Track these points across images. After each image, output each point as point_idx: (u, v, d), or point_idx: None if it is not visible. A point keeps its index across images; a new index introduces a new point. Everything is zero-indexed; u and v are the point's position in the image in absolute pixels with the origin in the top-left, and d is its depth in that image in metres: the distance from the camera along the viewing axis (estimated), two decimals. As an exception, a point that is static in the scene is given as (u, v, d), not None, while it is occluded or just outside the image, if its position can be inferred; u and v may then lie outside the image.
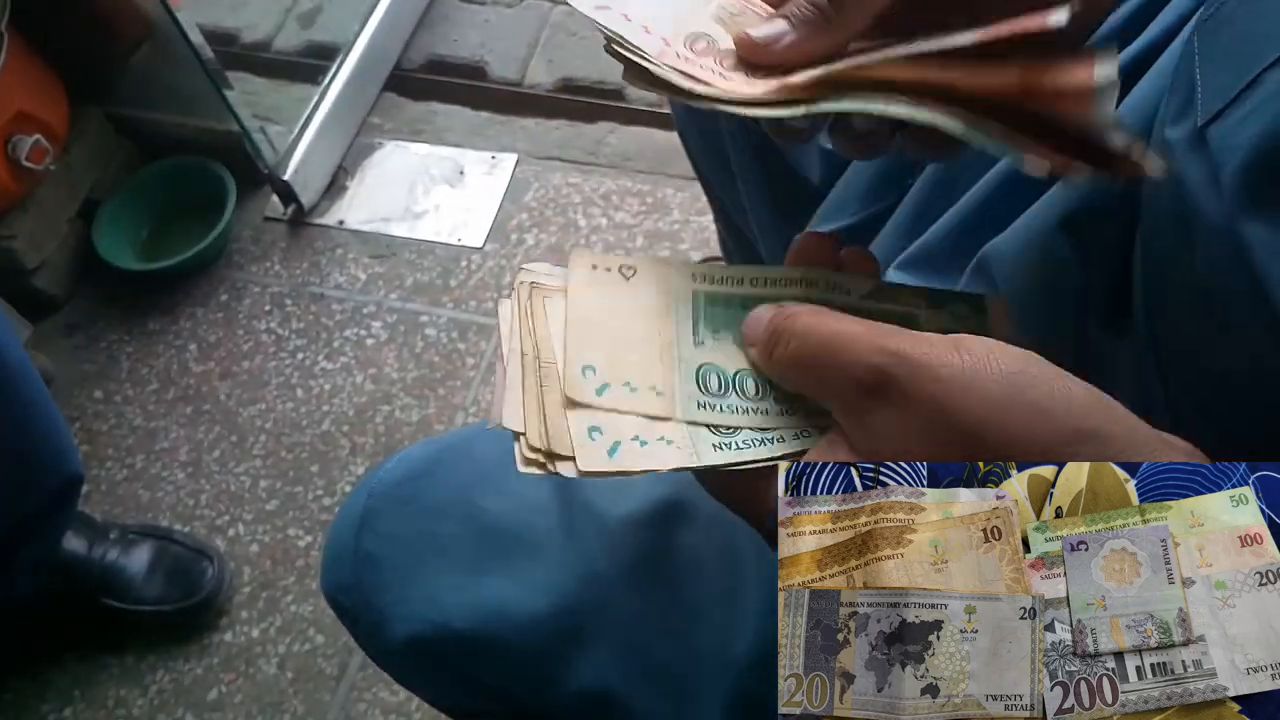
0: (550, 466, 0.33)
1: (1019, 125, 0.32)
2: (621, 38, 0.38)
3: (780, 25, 0.37)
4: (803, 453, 0.34)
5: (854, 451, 0.32)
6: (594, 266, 0.38)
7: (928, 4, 0.37)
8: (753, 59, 0.38)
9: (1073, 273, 0.44)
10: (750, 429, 0.34)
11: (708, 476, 0.36)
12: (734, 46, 0.39)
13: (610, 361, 0.35)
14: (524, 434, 0.33)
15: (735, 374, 0.36)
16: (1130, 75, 0.45)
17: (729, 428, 0.34)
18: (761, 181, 0.69)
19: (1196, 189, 0.33)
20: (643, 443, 0.34)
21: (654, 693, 0.52)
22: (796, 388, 0.35)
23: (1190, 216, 0.34)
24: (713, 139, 0.73)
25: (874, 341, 0.30)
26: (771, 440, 0.34)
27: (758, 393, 0.35)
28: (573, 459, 0.33)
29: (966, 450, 0.28)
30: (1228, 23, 0.34)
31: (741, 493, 0.35)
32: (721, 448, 0.34)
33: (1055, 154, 0.32)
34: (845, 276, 0.39)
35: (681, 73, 0.37)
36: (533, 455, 0.33)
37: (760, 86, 0.37)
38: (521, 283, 0.37)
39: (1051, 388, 0.28)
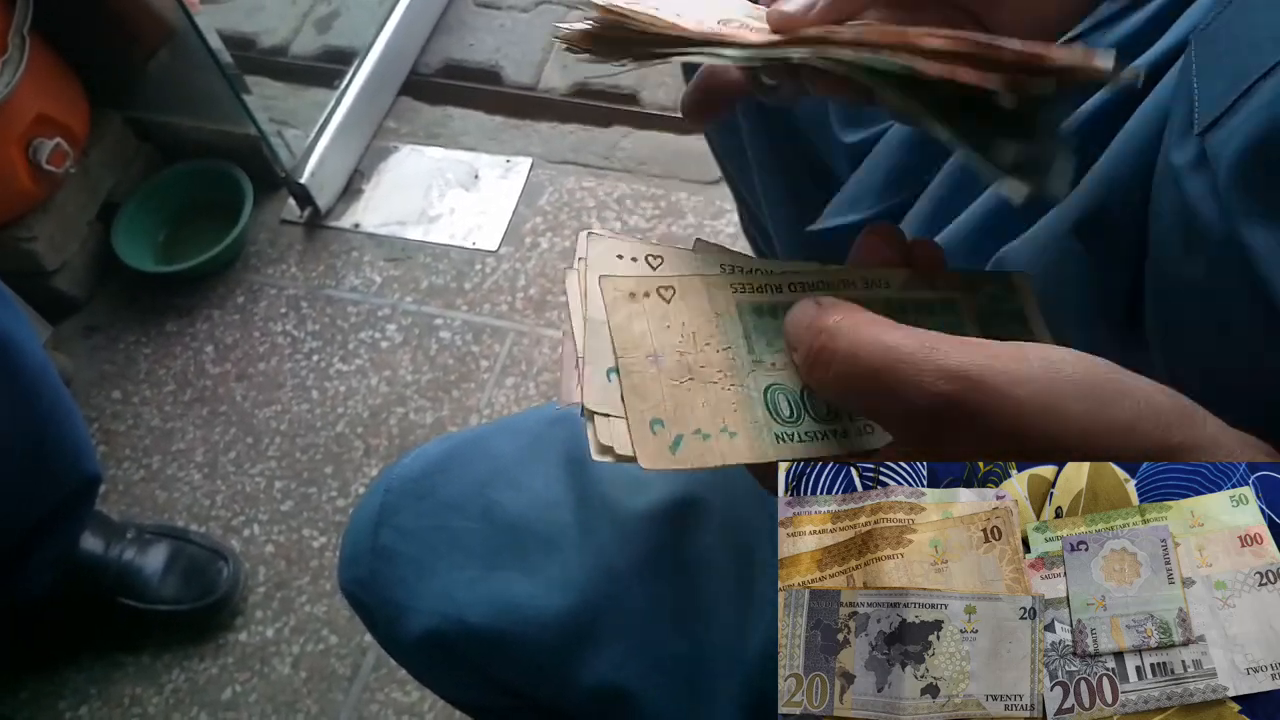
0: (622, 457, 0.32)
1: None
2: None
3: None
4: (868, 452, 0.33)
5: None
6: (631, 295, 0.35)
7: None
8: (787, 30, 0.37)
9: (1086, 277, 0.44)
10: (834, 454, 0.33)
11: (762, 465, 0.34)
12: (764, 22, 0.38)
13: (675, 410, 0.32)
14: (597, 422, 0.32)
15: (802, 392, 0.34)
16: (1140, 89, 0.45)
17: (808, 460, 0.32)
18: (777, 172, 0.69)
19: (1197, 200, 0.34)
20: (705, 436, 0.32)
21: (668, 689, 0.52)
22: (847, 409, 0.33)
23: (1191, 226, 0.34)
24: (733, 136, 0.73)
25: (933, 362, 0.27)
26: (836, 435, 0.33)
27: (829, 413, 0.33)
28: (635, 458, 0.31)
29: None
30: (1224, 32, 0.35)
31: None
32: (784, 439, 0.33)
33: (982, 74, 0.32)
34: (884, 271, 0.37)
35: (665, 23, 0.37)
36: (608, 443, 0.31)
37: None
38: (584, 260, 0.35)
39: (1136, 402, 0.27)
